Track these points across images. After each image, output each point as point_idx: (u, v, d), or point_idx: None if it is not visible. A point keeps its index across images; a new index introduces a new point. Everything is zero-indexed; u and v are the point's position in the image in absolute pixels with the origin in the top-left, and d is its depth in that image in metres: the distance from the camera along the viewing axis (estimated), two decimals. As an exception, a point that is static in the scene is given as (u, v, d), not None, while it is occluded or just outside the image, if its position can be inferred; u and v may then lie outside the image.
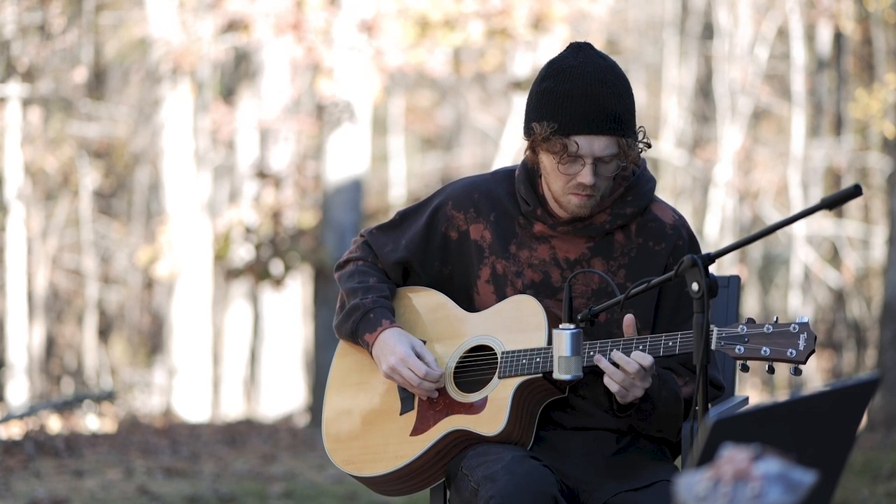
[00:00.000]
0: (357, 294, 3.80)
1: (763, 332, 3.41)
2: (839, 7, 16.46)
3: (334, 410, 3.85)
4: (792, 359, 3.37)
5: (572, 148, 3.55)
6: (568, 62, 3.60)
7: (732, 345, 3.42)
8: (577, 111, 3.54)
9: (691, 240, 3.74)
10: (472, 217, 3.78)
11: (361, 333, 3.76)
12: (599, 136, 3.55)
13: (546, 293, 3.70)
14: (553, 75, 3.60)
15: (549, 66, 3.63)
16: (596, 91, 3.55)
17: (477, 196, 3.79)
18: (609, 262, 3.70)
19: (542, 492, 3.45)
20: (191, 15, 14.89)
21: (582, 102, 3.54)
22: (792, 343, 3.38)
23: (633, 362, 3.46)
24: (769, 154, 18.98)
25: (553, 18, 13.59)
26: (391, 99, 20.86)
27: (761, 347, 3.40)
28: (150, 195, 21.81)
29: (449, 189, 3.86)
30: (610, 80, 3.58)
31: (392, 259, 3.85)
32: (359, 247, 3.91)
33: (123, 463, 9.37)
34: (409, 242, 3.82)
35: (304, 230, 14.42)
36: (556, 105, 3.56)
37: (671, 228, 3.72)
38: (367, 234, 3.92)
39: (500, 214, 3.76)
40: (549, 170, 3.62)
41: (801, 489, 2.14)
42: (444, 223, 3.80)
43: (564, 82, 3.57)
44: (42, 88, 16.01)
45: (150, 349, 22.76)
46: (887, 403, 10.73)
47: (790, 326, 3.39)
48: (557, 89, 3.57)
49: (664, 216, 3.74)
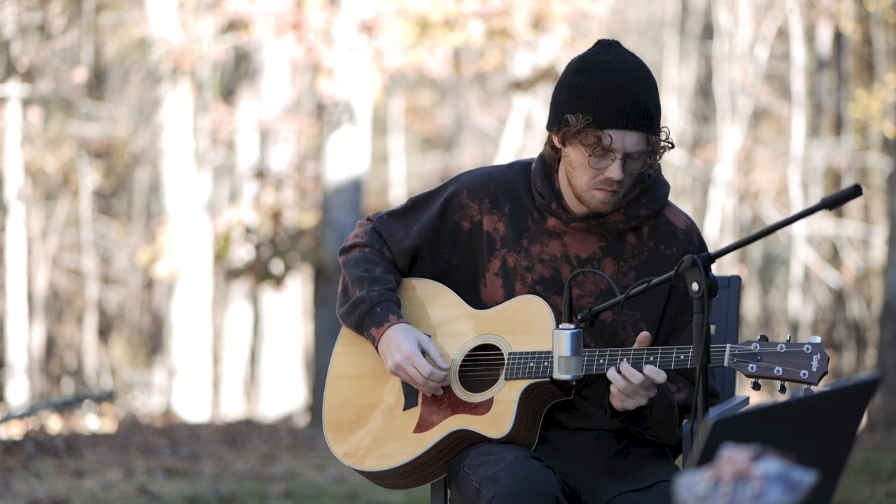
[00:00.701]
0: (363, 284, 3.78)
1: (776, 351, 3.41)
2: (839, 7, 16.46)
3: (336, 401, 3.83)
4: (804, 380, 3.38)
5: (606, 141, 3.54)
6: (601, 57, 3.60)
7: (745, 363, 3.42)
8: (613, 105, 3.54)
9: (702, 246, 3.73)
10: (487, 208, 3.77)
11: (367, 327, 3.75)
12: (632, 132, 3.55)
13: (555, 289, 3.69)
14: (587, 69, 3.59)
15: (581, 60, 3.62)
16: (631, 87, 3.56)
17: (493, 187, 3.78)
18: (620, 263, 3.69)
19: (544, 492, 3.44)
20: (191, 15, 14.89)
21: (618, 97, 3.54)
22: (805, 364, 3.38)
23: (638, 374, 3.45)
24: (769, 154, 18.99)
25: (553, 18, 13.59)
26: (391, 99, 20.87)
27: (774, 367, 3.40)
28: (150, 195, 21.82)
29: (464, 178, 3.83)
30: (643, 77, 3.59)
31: (403, 246, 3.83)
32: (366, 232, 3.88)
33: (123, 463, 9.37)
34: (421, 229, 3.80)
35: (304, 230, 14.42)
36: (592, 98, 3.55)
37: (683, 233, 3.72)
38: (376, 219, 3.89)
39: (515, 207, 3.75)
40: (577, 164, 3.61)
41: (801, 489, 2.14)
42: (458, 212, 3.79)
43: (600, 76, 3.57)
44: (42, 88, 16.01)
45: (150, 349, 22.77)
46: (887, 403, 10.73)
47: (804, 347, 3.39)
48: (593, 83, 3.56)
49: (677, 221, 3.74)
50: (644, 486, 3.57)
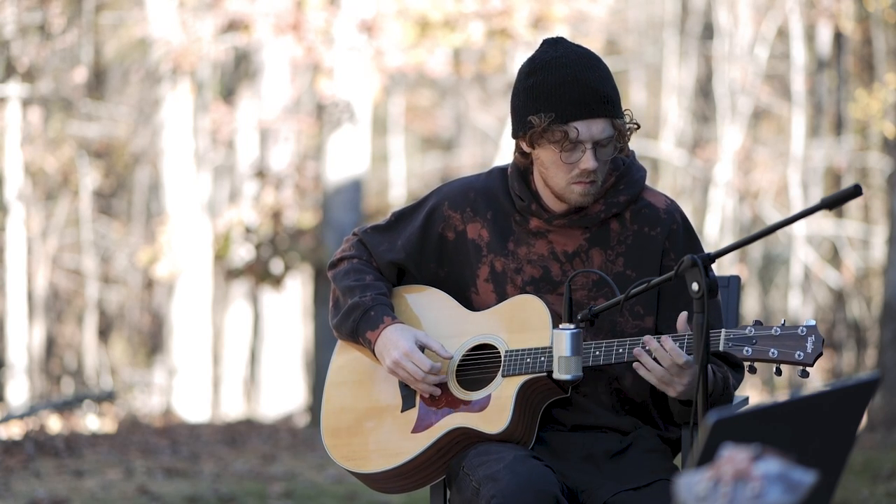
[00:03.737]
0: (355, 292, 3.79)
1: (771, 334, 3.42)
2: (839, 7, 16.46)
3: (334, 407, 3.84)
4: (800, 361, 3.39)
5: (573, 134, 3.57)
6: (550, 54, 3.63)
7: (741, 346, 3.43)
8: (573, 97, 3.57)
9: (685, 223, 3.75)
10: (469, 216, 3.78)
11: (363, 331, 3.75)
12: (596, 120, 3.58)
13: (546, 288, 3.70)
14: (539, 69, 3.62)
15: (531, 62, 3.65)
16: (586, 76, 3.58)
17: (473, 195, 3.79)
18: (607, 251, 3.71)
19: (544, 491, 3.45)
20: (191, 15, 14.88)
21: (575, 88, 3.57)
22: (800, 345, 3.40)
23: (668, 356, 3.46)
24: (769, 154, 18.98)
25: (553, 19, 13.59)
26: (391, 99, 20.86)
27: (769, 349, 3.41)
28: (150, 195, 21.82)
29: (444, 189, 3.86)
30: (594, 64, 3.62)
31: (387, 259, 3.84)
32: (352, 245, 3.90)
33: (123, 463, 9.37)
34: (406, 244, 3.82)
35: (304, 230, 14.42)
36: (550, 95, 3.58)
37: (665, 213, 3.74)
38: (360, 232, 3.91)
39: (497, 212, 3.76)
40: (549, 163, 3.63)
41: (801, 489, 2.14)
42: (441, 224, 3.80)
43: (553, 73, 3.60)
44: (42, 88, 16.01)
45: (150, 349, 22.77)
46: (887, 403, 10.73)
47: (798, 329, 3.41)
48: (548, 80, 3.59)
49: (657, 202, 3.75)
50: (643, 485, 3.57)
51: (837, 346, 18.53)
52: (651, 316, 3.68)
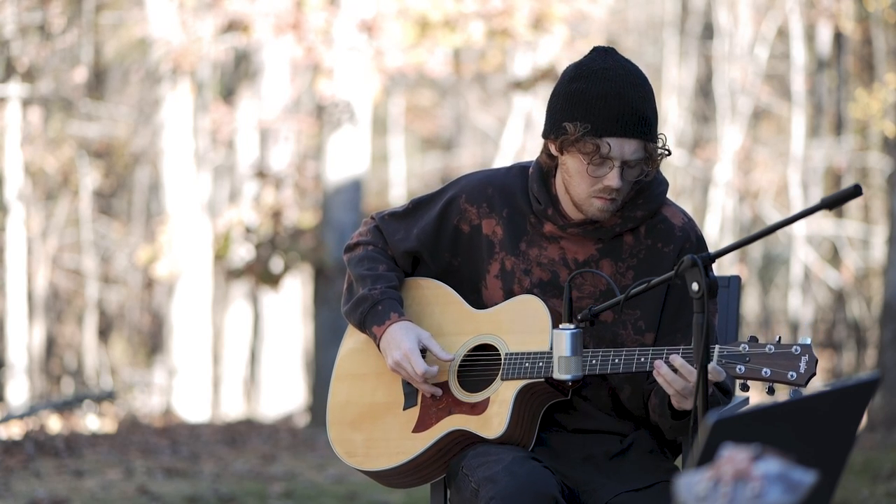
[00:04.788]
0: (366, 282, 3.79)
1: (765, 352, 3.40)
2: (839, 7, 16.46)
3: (339, 400, 3.85)
4: (792, 381, 3.37)
5: (604, 149, 3.53)
6: (598, 64, 3.59)
7: (734, 363, 3.41)
8: (612, 113, 3.53)
9: (699, 242, 3.72)
10: (485, 212, 3.77)
11: (369, 325, 3.76)
12: (630, 140, 3.54)
13: (553, 293, 3.69)
14: (584, 76, 3.58)
15: (578, 67, 3.61)
16: (629, 94, 3.54)
17: (491, 191, 3.78)
18: (618, 263, 3.69)
19: (543, 493, 3.44)
20: (191, 15, 14.88)
21: (616, 104, 3.53)
22: (793, 365, 3.37)
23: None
24: (769, 154, 18.99)
25: (553, 19, 13.59)
26: (391, 99, 20.87)
27: (762, 368, 3.39)
28: (150, 195, 21.82)
29: (463, 181, 3.84)
30: (640, 83, 3.58)
31: (403, 248, 3.84)
32: (370, 230, 3.90)
33: (123, 463, 9.37)
34: (421, 233, 3.82)
35: (303, 230, 14.41)
36: (590, 106, 3.54)
37: (680, 230, 3.71)
38: (378, 218, 3.90)
39: (513, 211, 3.75)
40: (574, 172, 3.60)
41: (801, 489, 2.14)
42: (457, 216, 3.79)
43: (597, 84, 3.55)
44: (42, 88, 16.02)
45: (150, 349, 22.77)
46: (887, 403, 10.73)
47: (792, 348, 3.38)
48: (590, 90, 3.55)
49: (674, 218, 3.73)
50: (643, 486, 3.57)
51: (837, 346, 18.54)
52: (652, 332, 3.66)
